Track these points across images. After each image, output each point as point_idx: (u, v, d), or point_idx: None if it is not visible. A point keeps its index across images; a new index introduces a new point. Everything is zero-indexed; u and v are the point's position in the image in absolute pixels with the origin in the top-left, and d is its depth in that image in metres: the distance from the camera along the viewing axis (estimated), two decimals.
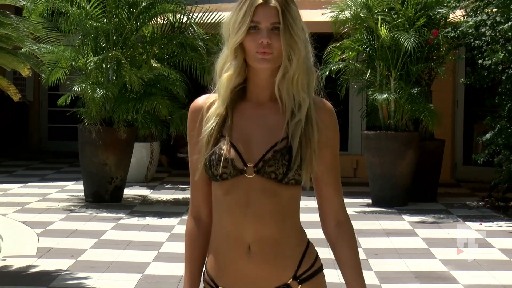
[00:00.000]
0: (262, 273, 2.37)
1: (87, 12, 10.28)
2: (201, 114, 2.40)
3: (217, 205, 2.39)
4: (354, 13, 10.38)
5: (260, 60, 2.30)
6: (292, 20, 2.31)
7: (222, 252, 2.39)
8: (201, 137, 2.37)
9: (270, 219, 2.37)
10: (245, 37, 2.30)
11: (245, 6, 2.30)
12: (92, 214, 9.48)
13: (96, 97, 9.82)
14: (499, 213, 9.82)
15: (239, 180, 2.34)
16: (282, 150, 2.34)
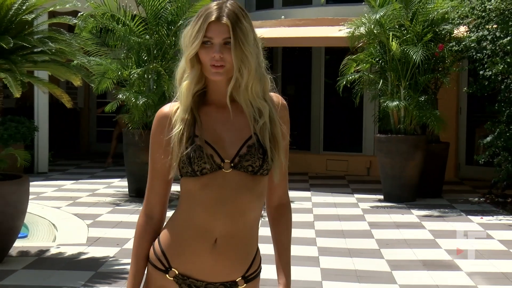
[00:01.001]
0: (220, 267, 2.31)
1: (131, 29, 10.33)
2: (168, 119, 2.34)
3: (190, 199, 2.31)
4: (368, 30, 10.34)
5: (213, 73, 2.27)
6: (242, 36, 2.25)
7: (186, 240, 2.30)
8: (172, 139, 2.31)
9: (240, 217, 2.30)
10: (200, 50, 2.27)
11: (199, 21, 2.27)
12: (135, 208, 9.53)
13: (139, 104, 9.86)
14: (498, 208, 9.73)
15: (216, 175, 2.28)
16: (255, 145, 2.30)
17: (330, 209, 9.75)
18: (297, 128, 14.33)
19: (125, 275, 6.13)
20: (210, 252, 2.29)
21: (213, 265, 2.30)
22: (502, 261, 6.81)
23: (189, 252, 2.30)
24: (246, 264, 2.35)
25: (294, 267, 6.74)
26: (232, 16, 2.25)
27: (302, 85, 14.50)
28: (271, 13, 14.36)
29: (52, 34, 7.19)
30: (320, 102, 13.89)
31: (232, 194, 2.28)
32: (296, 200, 10.42)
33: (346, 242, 7.57)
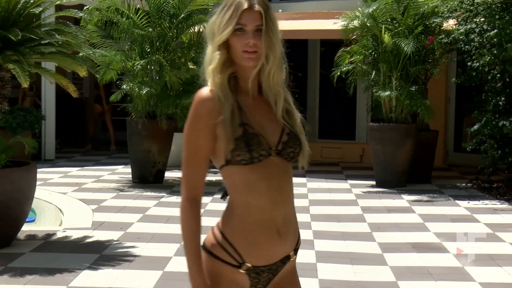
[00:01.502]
0: (282, 250, 2.33)
1: (135, 22, 10.29)
2: (213, 103, 2.24)
3: (248, 189, 2.24)
4: (362, 23, 10.31)
5: (246, 59, 2.23)
6: (271, 23, 2.24)
7: (254, 232, 2.25)
8: (224, 125, 2.22)
9: (290, 202, 2.32)
10: (231, 37, 2.22)
11: (230, 9, 2.23)
12: (138, 193, 9.52)
13: (142, 94, 9.85)
14: (484, 193, 9.74)
15: (267, 163, 2.24)
16: (291, 133, 2.30)
17: (325, 194, 9.75)
18: None
19: (128, 257, 6.14)
20: (276, 239, 2.28)
21: (277, 250, 2.31)
22: (487, 243, 6.81)
23: (259, 244, 2.27)
24: (296, 239, 2.41)
25: None
26: (263, 4, 2.24)
27: (298, 76, 14.47)
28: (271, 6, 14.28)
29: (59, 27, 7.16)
30: (315, 92, 13.87)
31: (280, 181, 2.27)
32: None
33: (340, 225, 7.57)
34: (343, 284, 5.46)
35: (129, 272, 5.72)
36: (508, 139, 9.55)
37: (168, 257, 6.16)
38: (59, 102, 13.36)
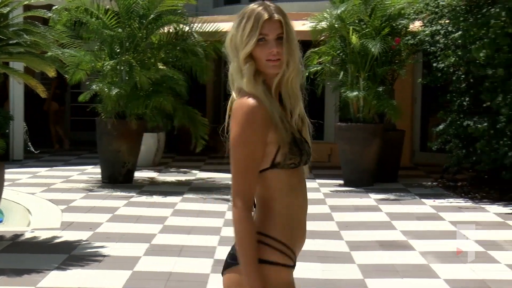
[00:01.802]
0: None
1: (104, 23, 10.22)
2: (265, 111, 2.25)
3: (292, 192, 2.30)
4: (330, 24, 10.36)
5: (272, 67, 2.28)
6: (290, 31, 2.31)
7: (297, 234, 2.32)
8: (277, 130, 2.25)
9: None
10: (255, 48, 2.27)
11: (251, 21, 2.26)
12: (108, 193, 9.46)
13: (112, 95, 9.78)
14: (449, 192, 9.85)
15: (301, 167, 2.34)
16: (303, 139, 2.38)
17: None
18: None
19: (97, 257, 6.10)
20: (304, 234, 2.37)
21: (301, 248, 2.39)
22: (452, 241, 6.90)
23: (298, 242, 2.34)
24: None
25: None
26: (281, 13, 2.30)
27: None
28: (239, 7, 14.27)
29: (27, 27, 7.09)
30: None
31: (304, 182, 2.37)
32: None
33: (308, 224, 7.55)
34: (312, 282, 5.48)
35: (98, 272, 5.68)
36: (472, 138, 9.67)
37: (137, 257, 6.13)
38: (28, 102, 13.21)
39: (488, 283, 5.51)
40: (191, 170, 11.97)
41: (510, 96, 8.91)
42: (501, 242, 6.87)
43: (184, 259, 6.11)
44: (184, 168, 12.10)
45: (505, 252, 6.45)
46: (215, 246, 6.55)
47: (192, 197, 9.30)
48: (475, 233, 7.23)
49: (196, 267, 5.87)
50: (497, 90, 9.19)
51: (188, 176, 11.35)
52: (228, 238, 6.86)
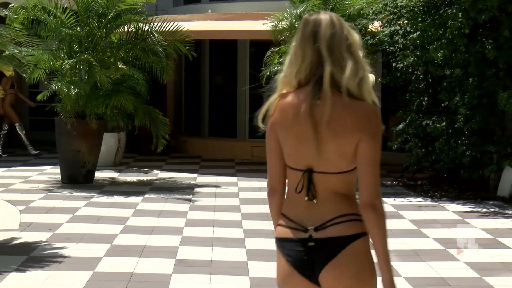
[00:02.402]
0: None
1: (63, 21, 10.10)
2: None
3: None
4: (290, 24, 10.40)
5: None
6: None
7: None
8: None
9: None
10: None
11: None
12: (68, 194, 9.33)
13: (71, 94, 9.66)
14: (409, 191, 9.96)
15: None
16: None
17: (256, 193, 9.78)
18: (224, 116, 14.31)
19: (57, 258, 6.01)
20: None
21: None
22: (412, 239, 6.97)
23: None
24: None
25: (221, 249, 6.74)
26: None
27: (228, 76, 14.47)
28: (199, 7, 14.26)
29: None
30: (245, 92, 13.90)
31: None
32: (223, 185, 10.41)
33: (270, 224, 7.58)
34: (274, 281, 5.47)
35: (58, 273, 5.60)
36: (431, 138, 9.80)
37: (98, 258, 6.06)
38: None
39: (448, 280, 5.58)
40: (152, 170, 11.89)
41: (467, 96, 9.05)
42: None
43: (146, 259, 6.06)
44: (145, 168, 12.02)
45: (464, 250, 6.54)
46: (177, 246, 6.50)
47: (154, 197, 9.24)
48: (435, 231, 7.33)
49: (158, 267, 5.82)
50: (455, 90, 9.33)
51: (149, 176, 11.27)
52: (190, 238, 6.83)
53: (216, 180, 10.92)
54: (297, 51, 2.42)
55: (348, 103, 2.33)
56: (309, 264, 2.36)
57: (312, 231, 2.36)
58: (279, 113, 2.44)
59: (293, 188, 2.40)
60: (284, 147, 2.43)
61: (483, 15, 8.77)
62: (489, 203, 8.96)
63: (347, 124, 2.32)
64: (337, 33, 2.38)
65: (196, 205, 8.78)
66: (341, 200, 2.37)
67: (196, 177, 11.18)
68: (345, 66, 2.34)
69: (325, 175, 2.36)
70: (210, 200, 9.12)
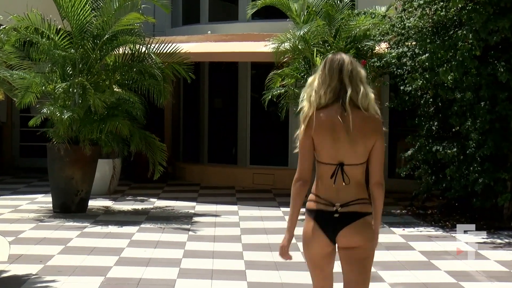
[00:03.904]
0: None
1: (56, 43, 10.15)
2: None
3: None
4: (293, 45, 10.44)
5: None
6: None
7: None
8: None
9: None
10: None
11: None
12: (60, 224, 9.31)
13: (64, 119, 9.69)
14: (419, 220, 9.92)
15: None
16: None
17: (257, 222, 9.76)
18: (224, 142, 14.32)
19: None
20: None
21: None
22: (423, 272, 6.93)
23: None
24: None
25: (221, 281, 6.70)
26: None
27: (228, 99, 14.50)
28: (198, 28, 14.34)
29: None
30: (246, 116, 13.93)
31: None
32: (223, 214, 10.39)
33: (272, 255, 7.57)
34: None
35: None
36: (441, 164, 9.79)
37: None
38: None
39: None
40: (149, 198, 11.87)
41: (479, 120, 9.06)
42: (473, 272, 6.93)
43: None
44: (141, 196, 12.00)
45: (478, 284, 6.51)
46: (175, 279, 6.48)
47: (150, 227, 9.21)
48: (447, 263, 7.28)
49: None
50: (466, 114, 9.34)
51: (145, 204, 11.24)
52: (188, 270, 6.80)
53: (215, 208, 10.89)
54: (325, 78, 3.60)
55: (365, 115, 3.56)
56: (332, 227, 3.58)
57: (338, 206, 3.56)
58: (317, 124, 3.55)
59: (325, 177, 3.58)
60: (320, 149, 3.58)
61: (494, 36, 8.81)
62: (504, 234, 8.92)
63: (369, 129, 3.56)
64: (354, 69, 3.61)
65: (195, 235, 8.75)
66: (358, 187, 3.60)
67: (194, 206, 11.16)
68: (359, 92, 3.57)
69: (351, 166, 3.56)
70: (210, 230, 9.09)
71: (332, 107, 3.56)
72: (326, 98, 3.56)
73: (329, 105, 3.56)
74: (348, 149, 3.53)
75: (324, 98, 3.56)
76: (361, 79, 3.59)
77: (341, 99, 3.55)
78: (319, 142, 3.56)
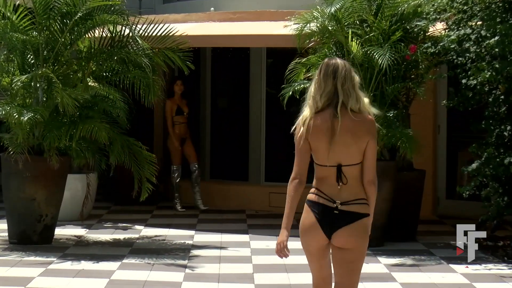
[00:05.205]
0: None
1: (13, 24, 10.19)
2: None
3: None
4: (321, 26, 10.42)
5: None
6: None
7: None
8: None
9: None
10: None
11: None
12: (18, 258, 9.32)
13: (23, 121, 9.69)
14: (487, 254, 9.85)
15: None
16: None
17: (274, 257, 9.66)
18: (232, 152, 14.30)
19: None
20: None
21: None
22: None
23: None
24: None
25: None
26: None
27: (237, 97, 14.49)
28: (197, 4, 14.36)
29: None
30: (260, 118, 13.91)
31: None
32: (230, 245, 10.38)
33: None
34: None
35: None
36: None
37: None
38: None
39: None
40: (134, 225, 11.88)
41: None
42: None
43: None
44: (123, 223, 12.00)
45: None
46: None
47: (135, 263, 9.21)
48: None
49: None
50: None
51: (129, 233, 11.25)
52: None
53: (220, 239, 10.88)
54: (321, 83, 4.92)
55: (357, 118, 4.90)
56: (330, 224, 4.88)
57: (338, 204, 4.87)
58: (313, 129, 4.86)
59: (326, 177, 4.93)
60: (317, 152, 4.92)
61: None
62: None
63: (362, 130, 4.90)
64: (347, 75, 4.90)
65: (194, 273, 8.74)
66: (358, 186, 4.94)
67: (193, 235, 11.16)
68: (350, 96, 4.89)
69: (349, 166, 4.90)
70: (213, 267, 9.07)
71: (326, 111, 4.86)
72: (321, 102, 4.86)
73: (324, 109, 4.87)
74: (343, 150, 4.85)
75: (320, 103, 4.86)
76: (354, 84, 4.90)
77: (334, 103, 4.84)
78: (315, 145, 4.88)
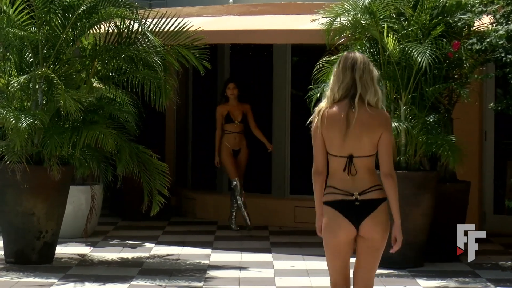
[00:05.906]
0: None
1: (10, 18, 10.22)
2: None
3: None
4: (353, 20, 10.43)
5: None
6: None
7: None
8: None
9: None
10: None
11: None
12: (15, 279, 9.37)
13: (21, 127, 9.70)
14: None
15: None
16: None
17: (301, 279, 9.75)
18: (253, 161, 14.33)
19: None
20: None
21: None
22: None
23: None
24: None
25: None
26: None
27: (258, 99, 14.51)
28: None
29: None
30: (285, 122, 13.92)
31: None
32: (251, 265, 10.38)
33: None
34: None
35: None
36: None
37: None
38: None
39: None
40: (143, 242, 11.92)
41: None
42: None
43: None
44: (132, 240, 12.01)
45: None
46: None
47: (145, 285, 9.26)
48: None
49: None
50: None
51: (138, 252, 11.26)
52: None
53: (240, 258, 10.92)
54: (339, 76, 5.49)
55: (373, 111, 5.46)
56: (355, 216, 5.41)
57: (357, 195, 5.40)
58: (328, 119, 5.45)
59: (337, 169, 5.46)
60: (330, 142, 5.45)
61: None
62: None
63: (375, 124, 5.44)
64: (366, 68, 5.46)
65: None
66: (371, 175, 5.46)
67: (209, 254, 11.19)
68: (368, 89, 5.45)
69: (361, 158, 5.43)
70: None
71: (343, 102, 5.45)
72: (338, 94, 5.46)
73: (341, 100, 5.46)
74: (355, 142, 5.40)
75: (338, 94, 5.47)
76: (372, 77, 5.46)
77: (351, 95, 5.43)
78: (328, 135, 5.43)
